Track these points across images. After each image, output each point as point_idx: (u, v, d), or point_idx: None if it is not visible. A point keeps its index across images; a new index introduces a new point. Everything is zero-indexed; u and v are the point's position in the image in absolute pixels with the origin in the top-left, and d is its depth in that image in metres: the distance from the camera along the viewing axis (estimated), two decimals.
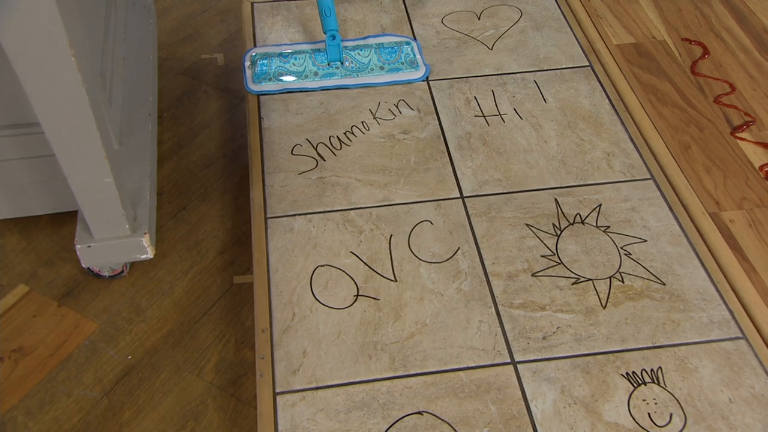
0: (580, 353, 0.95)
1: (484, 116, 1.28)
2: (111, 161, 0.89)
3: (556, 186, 1.16)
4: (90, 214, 0.95)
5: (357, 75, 1.31)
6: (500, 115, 1.28)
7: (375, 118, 1.27)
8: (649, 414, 0.89)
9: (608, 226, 1.10)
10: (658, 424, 0.88)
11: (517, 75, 1.36)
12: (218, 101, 1.39)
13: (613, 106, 1.29)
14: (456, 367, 0.93)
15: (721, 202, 1.13)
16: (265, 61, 1.32)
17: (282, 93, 1.30)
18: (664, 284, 1.03)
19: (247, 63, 1.33)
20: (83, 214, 0.96)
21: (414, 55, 1.35)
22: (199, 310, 1.05)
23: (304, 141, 1.22)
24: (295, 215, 1.10)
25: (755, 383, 0.91)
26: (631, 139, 1.23)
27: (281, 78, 1.30)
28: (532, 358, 0.94)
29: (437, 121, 1.26)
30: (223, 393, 0.96)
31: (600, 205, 1.13)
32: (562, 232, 1.09)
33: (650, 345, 0.96)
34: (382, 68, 1.32)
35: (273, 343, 0.95)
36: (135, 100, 1.17)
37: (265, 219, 1.09)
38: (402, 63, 1.33)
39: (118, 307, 1.06)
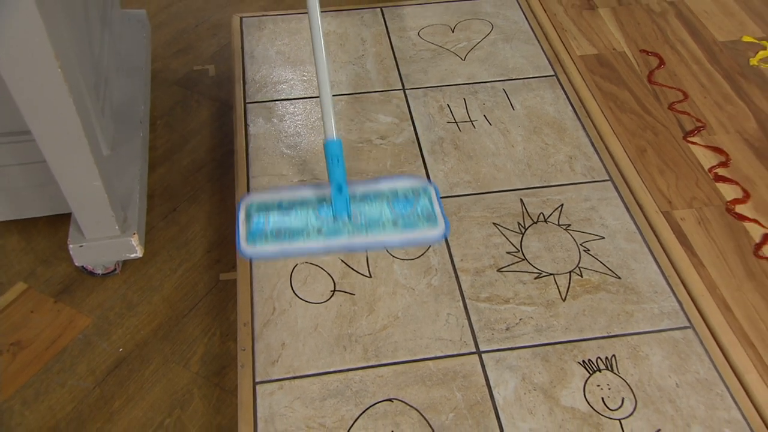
0: (540, 343, 0.95)
1: (456, 122, 1.27)
2: (100, 166, 0.89)
3: (521, 187, 1.16)
4: (81, 215, 0.94)
5: (366, 233, 1.03)
6: (471, 121, 1.28)
7: (354, 124, 1.26)
8: (602, 399, 0.89)
9: (569, 225, 1.10)
10: (610, 407, 0.88)
11: (488, 84, 1.36)
12: (209, 109, 1.38)
13: (575, 112, 1.29)
14: (425, 356, 0.93)
15: (673, 201, 1.13)
16: (261, 217, 1.04)
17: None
18: (619, 278, 1.03)
19: (242, 215, 1.06)
20: (75, 215, 0.95)
21: (432, 207, 1.07)
22: (187, 305, 1.05)
23: (288, 146, 1.21)
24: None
25: (700, 369, 0.91)
26: (592, 144, 1.23)
27: (279, 238, 1.02)
28: (495, 348, 0.94)
29: (412, 128, 1.26)
30: (208, 383, 0.96)
31: (562, 204, 1.13)
32: (526, 230, 1.09)
33: (605, 335, 0.96)
34: (395, 224, 1.04)
35: (254, 335, 0.95)
36: (127, 109, 1.17)
37: None
38: (418, 217, 1.05)
39: (111, 302, 1.05)
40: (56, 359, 0.99)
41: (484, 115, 1.29)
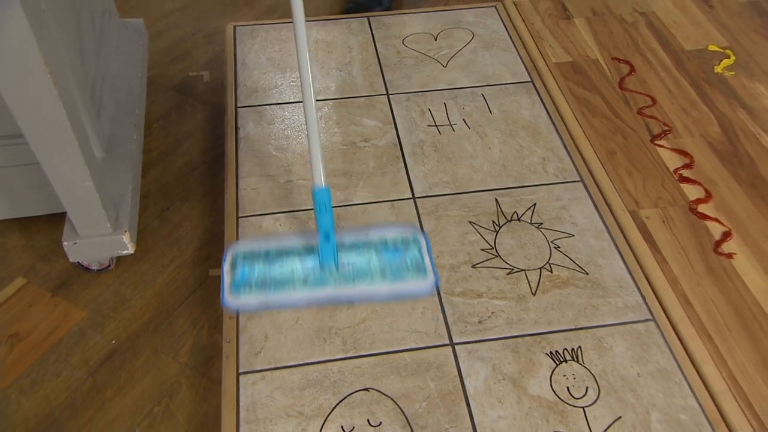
0: (510, 335, 0.95)
1: (436, 126, 1.27)
2: (91, 167, 0.88)
3: (496, 187, 1.16)
4: (74, 214, 0.94)
5: (353, 283, 0.96)
6: (451, 125, 1.28)
7: (339, 127, 1.26)
8: (567, 388, 0.89)
9: (541, 223, 1.10)
10: (575, 396, 0.88)
11: (467, 89, 1.36)
12: (203, 113, 1.38)
13: (550, 116, 1.29)
14: (400, 348, 0.93)
15: (639, 201, 1.13)
16: (246, 267, 0.97)
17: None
18: (587, 273, 1.03)
19: (227, 266, 0.98)
20: (69, 214, 0.95)
21: (422, 258, 0.99)
22: (177, 299, 1.05)
23: (276, 148, 1.21)
24: (264, 215, 1.09)
25: (660, 359, 0.92)
26: (565, 146, 1.23)
27: (264, 289, 0.95)
28: (468, 340, 0.94)
29: (395, 131, 1.26)
30: (196, 373, 0.96)
31: (535, 204, 1.13)
32: (500, 228, 1.09)
33: (572, 327, 0.96)
34: (383, 273, 0.97)
35: (239, 328, 0.94)
36: (123, 113, 1.16)
37: (237, 218, 1.08)
38: (407, 268, 0.98)
39: (105, 297, 1.05)
40: (52, 350, 0.99)
41: (463, 119, 1.29)
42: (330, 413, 0.86)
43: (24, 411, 0.92)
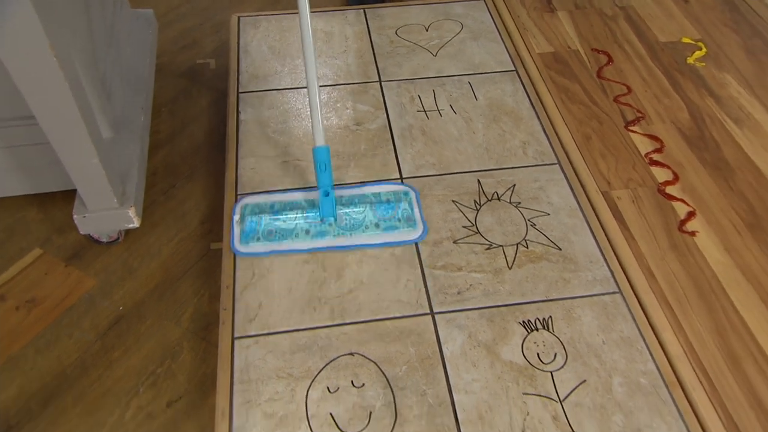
0: (486, 305, 0.95)
1: (425, 111, 1.27)
2: (97, 146, 0.89)
3: (479, 169, 1.15)
4: (83, 189, 0.94)
5: (351, 234, 1.01)
6: (438, 110, 1.27)
7: (334, 111, 1.26)
8: (537, 354, 0.89)
9: (519, 202, 1.10)
10: (544, 361, 0.88)
11: (455, 77, 1.35)
12: (208, 98, 1.37)
13: (531, 103, 1.28)
14: (384, 317, 0.93)
15: (611, 182, 1.12)
16: (254, 219, 1.02)
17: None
18: (560, 249, 1.02)
19: (236, 217, 1.02)
20: (78, 189, 0.95)
21: (411, 211, 1.05)
22: (181, 270, 1.05)
23: (273, 131, 1.21)
24: (261, 193, 1.09)
25: (624, 328, 0.92)
26: (544, 131, 1.22)
27: (270, 239, 1.00)
28: (447, 310, 0.94)
29: (386, 115, 1.25)
30: (196, 337, 0.96)
31: (514, 185, 1.12)
32: (481, 207, 1.09)
33: (544, 298, 0.96)
34: (377, 226, 1.02)
35: (235, 297, 0.95)
36: (132, 97, 1.16)
37: (236, 196, 1.08)
38: (399, 220, 1.03)
39: (114, 267, 1.05)
40: (65, 315, 1.00)
41: (450, 105, 1.28)
42: (317, 375, 0.86)
43: (39, 368, 0.93)
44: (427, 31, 1.48)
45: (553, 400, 0.84)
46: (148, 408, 0.89)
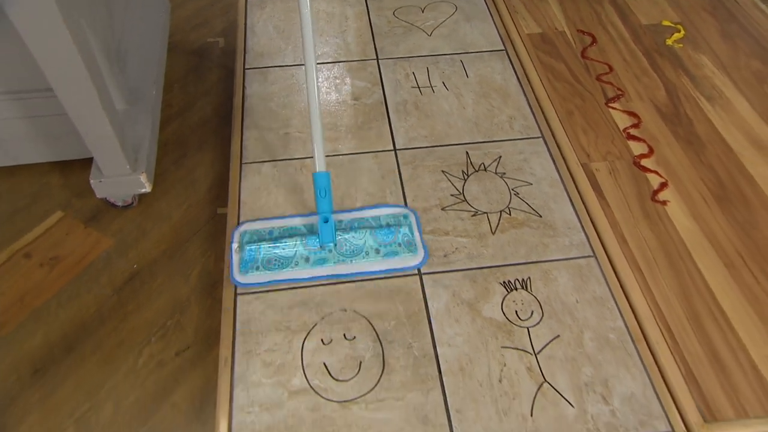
0: (470, 267, 0.96)
1: (418, 87, 1.26)
2: (110, 116, 0.89)
3: (468, 142, 1.15)
4: (98, 156, 0.95)
5: (351, 261, 0.93)
6: (431, 86, 1.27)
7: (335, 87, 1.25)
8: (516, 311, 0.90)
9: (504, 173, 1.10)
10: (521, 318, 0.90)
11: (448, 56, 1.34)
12: (217, 75, 1.37)
13: (519, 81, 1.28)
14: (375, 276, 0.94)
15: (591, 155, 1.12)
16: (253, 247, 0.93)
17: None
18: (540, 216, 1.03)
19: (235, 245, 0.94)
20: (94, 156, 0.96)
21: (412, 235, 0.96)
22: (190, 232, 1.06)
23: (276, 105, 1.21)
24: (264, 162, 1.10)
25: (596, 289, 0.93)
26: (530, 107, 1.22)
27: (270, 267, 0.92)
28: (433, 271, 0.95)
29: (382, 91, 1.25)
30: (203, 294, 0.98)
31: (500, 156, 1.13)
32: (468, 177, 1.09)
33: (524, 261, 0.97)
34: (377, 251, 0.94)
35: None
36: (144, 72, 1.16)
37: (240, 164, 1.09)
38: (399, 245, 0.95)
39: (129, 229, 1.06)
40: (84, 272, 1.01)
41: (443, 82, 1.27)
42: (312, 328, 0.88)
43: (61, 319, 0.95)
44: (423, 12, 1.46)
45: (528, 353, 0.86)
46: (159, 356, 0.91)
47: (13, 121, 1.05)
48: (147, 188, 1.02)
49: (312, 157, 1.10)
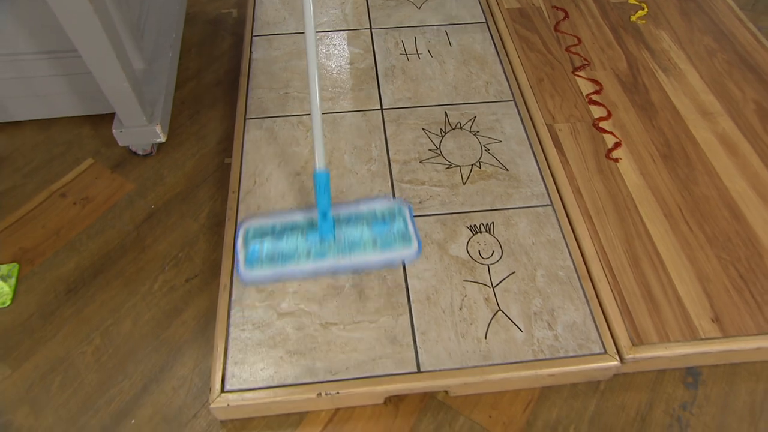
0: (442, 212, 0.95)
1: (406, 54, 1.23)
2: (127, 73, 0.88)
3: (447, 103, 1.13)
4: (118, 109, 0.94)
5: (349, 253, 0.85)
6: (418, 54, 1.23)
7: (330, 53, 1.23)
8: (479, 251, 0.90)
9: (478, 131, 1.08)
10: (483, 256, 0.90)
11: (434, 27, 1.30)
12: (229, 42, 1.34)
13: (496, 50, 1.24)
14: None
15: (556, 117, 1.10)
16: (257, 243, 0.86)
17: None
18: (507, 170, 1.02)
19: (240, 240, 0.87)
20: (115, 109, 0.95)
21: (406, 228, 0.88)
22: (200, 178, 1.06)
23: (279, 68, 1.18)
24: (265, 118, 1.09)
25: (551, 233, 0.92)
26: (505, 74, 1.19)
27: (273, 262, 0.84)
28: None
29: (373, 57, 1.22)
30: (210, 231, 0.98)
31: (475, 117, 1.11)
32: (445, 134, 1.08)
33: (489, 208, 0.96)
34: (374, 243, 0.86)
35: (239, 200, 0.95)
36: (163, 37, 1.14)
37: (245, 120, 1.08)
38: (394, 237, 0.88)
39: (148, 174, 1.06)
40: (110, 210, 1.01)
41: (428, 50, 1.24)
42: None
43: (90, 250, 0.96)
44: None
45: (487, 286, 0.86)
46: (171, 282, 0.92)
47: (52, 78, 1.04)
48: (162, 138, 1.01)
49: (308, 114, 1.09)
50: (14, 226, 0.99)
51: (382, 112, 1.11)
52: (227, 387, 0.76)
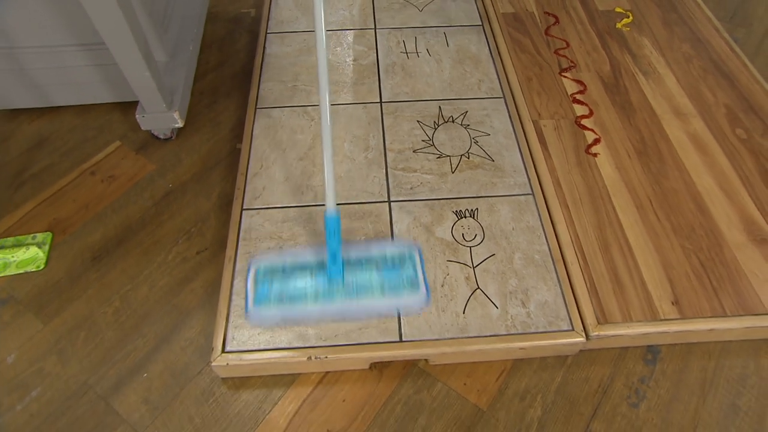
0: (431, 198, 0.94)
1: (406, 53, 1.21)
2: (148, 63, 0.87)
3: (441, 99, 1.11)
4: (141, 96, 0.94)
5: (357, 297, 0.77)
6: (417, 52, 1.21)
7: (337, 49, 1.21)
8: (463, 234, 0.89)
9: (468, 125, 1.06)
10: (466, 239, 0.89)
11: (434, 28, 1.27)
12: (247, 39, 1.33)
13: (490, 51, 1.21)
14: (353, 201, 0.93)
15: (541, 114, 1.07)
16: (266, 282, 0.79)
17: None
18: (493, 161, 1.00)
19: (251, 276, 0.81)
20: (138, 96, 0.95)
21: (415, 274, 0.80)
22: (214, 162, 1.05)
23: (289, 63, 1.17)
24: (274, 107, 1.08)
25: (530, 220, 0.91)
26: (497, 73, 1.16)
27: (281, 303, 0.77)
28: (400, 199, 0.94)
29: (376, 54, 1.20)
30: (220, 209, 0.98)
31: (466, 111, 1.09)
32: (438, 127, 1.06)
33: (475, 195, 0.95)
34: (382, 289, 0.78)
35: (246, 181, 0.95)
36: (185, 32, 1.13)
37: (255, 109, 1.07)
38: (403, 284, 0.80)
39: (168, 157, 1.06)
40: (133, 188, 1.02)
41: (427, 49, 1.22)
42: (299, 238, 0.88)
43: (114, 222, 0.96)
44: None
45: (468, 266, 0.85)
46: (184, 254, 0.92)
47: (86, 68, 1.04)
48: (180, 123, 1.01)
49: (313, 105, 1.08)
50: (50, 200, 1.00)
51: (381, 105, 1.09)
52: (227, 348, 0.76)
